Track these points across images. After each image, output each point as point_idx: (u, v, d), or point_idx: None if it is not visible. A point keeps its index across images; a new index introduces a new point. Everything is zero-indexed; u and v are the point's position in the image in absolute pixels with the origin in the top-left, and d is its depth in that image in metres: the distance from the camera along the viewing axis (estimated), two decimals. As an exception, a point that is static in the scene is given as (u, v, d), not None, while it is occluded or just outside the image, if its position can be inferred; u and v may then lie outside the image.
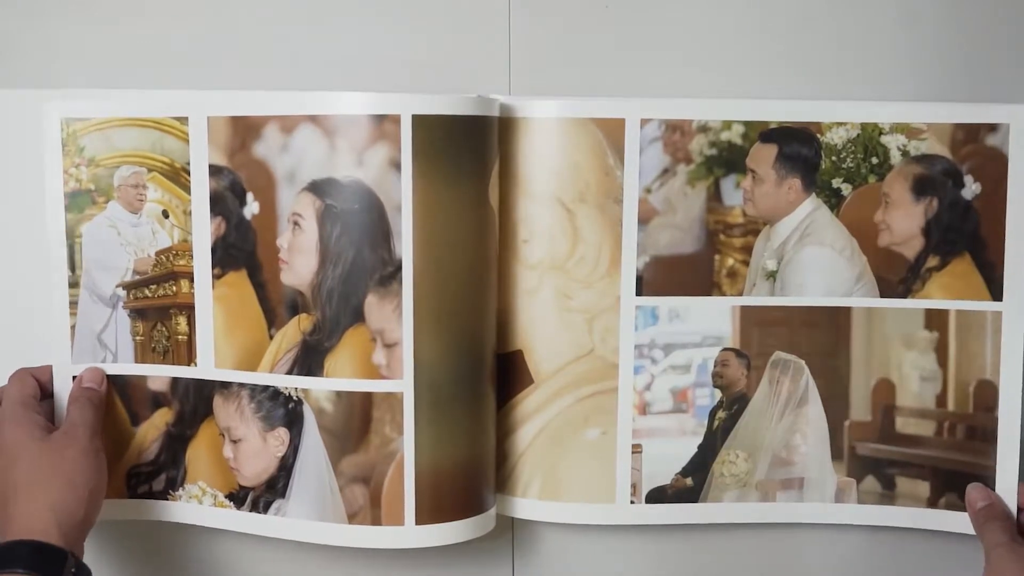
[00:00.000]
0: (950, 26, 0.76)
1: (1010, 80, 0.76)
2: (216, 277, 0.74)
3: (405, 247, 0.70)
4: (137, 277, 0.76)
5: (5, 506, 0.68)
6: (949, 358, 0.77)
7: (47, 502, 0.67)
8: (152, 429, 0.77)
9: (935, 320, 0.76)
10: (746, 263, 0.76)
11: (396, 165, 0.70)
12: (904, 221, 0.76)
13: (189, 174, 0.74)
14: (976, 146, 0.75)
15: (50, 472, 0.69)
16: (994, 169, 0.74)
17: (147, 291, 0.76)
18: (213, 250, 0.74)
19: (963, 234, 0.75)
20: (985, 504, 0.74)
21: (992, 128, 0.74)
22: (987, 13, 0.76)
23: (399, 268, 0.70)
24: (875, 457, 0.78)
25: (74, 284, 0.76)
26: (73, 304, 0.76)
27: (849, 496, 0.78)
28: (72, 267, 0.76)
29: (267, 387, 0.74)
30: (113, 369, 0.77)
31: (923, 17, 0.75)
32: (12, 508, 0.67)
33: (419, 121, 0.69)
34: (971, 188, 0.75)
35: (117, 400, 0.77)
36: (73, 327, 0.76)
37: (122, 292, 0.76)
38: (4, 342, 0.79)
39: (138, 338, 0.77)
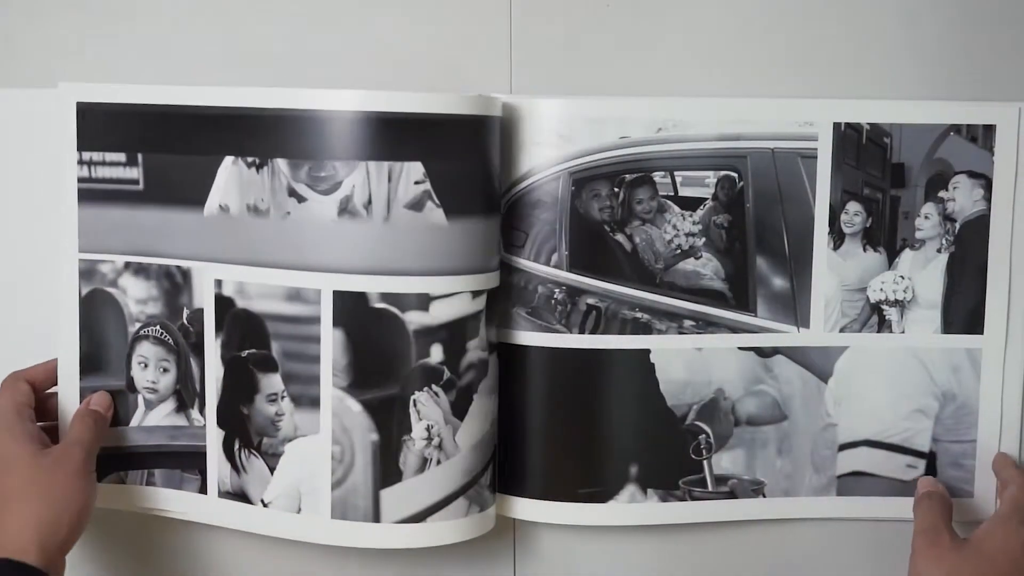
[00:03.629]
0: (952, 26, 0.75)
1: (1006, 80, 0.76)
2: None
3: (406, 247, 0.70)
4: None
5: None
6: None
7: (32, 520, 0.66)
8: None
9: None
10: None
11: (397, 165, 0.69)
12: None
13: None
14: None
15: (41, 489, 0.67)
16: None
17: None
18: None
19: None
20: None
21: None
22: (988, 13, 0.75)
23: (400, 268, 0.70)
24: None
25: None
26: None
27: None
28: None
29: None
30: None
31: (925, 16, 0.75)
32: None
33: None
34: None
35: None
36: None
37: None
38: (2, 341, 0.79)
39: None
